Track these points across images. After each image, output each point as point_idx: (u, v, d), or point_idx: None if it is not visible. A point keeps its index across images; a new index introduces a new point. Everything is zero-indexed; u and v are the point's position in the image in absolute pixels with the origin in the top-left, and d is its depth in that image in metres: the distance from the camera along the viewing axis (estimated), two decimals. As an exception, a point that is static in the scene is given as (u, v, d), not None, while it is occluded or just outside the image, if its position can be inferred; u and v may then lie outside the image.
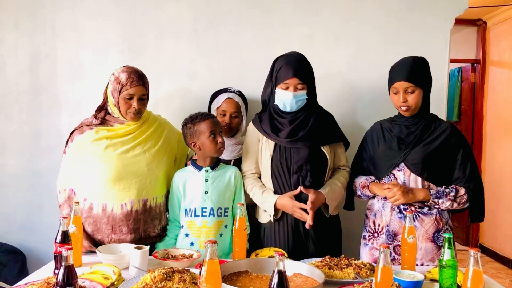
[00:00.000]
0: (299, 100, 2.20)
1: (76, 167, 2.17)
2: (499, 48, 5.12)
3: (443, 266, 1.63)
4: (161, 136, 2.28)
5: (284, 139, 2.21)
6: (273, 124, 2.26)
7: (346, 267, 1.82)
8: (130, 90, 2.12)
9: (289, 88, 2.18)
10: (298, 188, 2.17)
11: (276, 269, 1.31)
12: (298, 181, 2.18)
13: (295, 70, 2.17)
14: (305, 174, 2.18)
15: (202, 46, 2.72)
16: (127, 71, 2.15)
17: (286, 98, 2.19)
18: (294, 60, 2.20)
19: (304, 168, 2.18)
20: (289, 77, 2.16)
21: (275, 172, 2.23)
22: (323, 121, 2.28)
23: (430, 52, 2.30)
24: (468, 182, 2.08)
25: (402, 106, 2.11)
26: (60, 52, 2.73)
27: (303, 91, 2.19)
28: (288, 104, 2.20)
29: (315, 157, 2.20)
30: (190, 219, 2.16)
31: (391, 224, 2.11)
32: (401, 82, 2.09)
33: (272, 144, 2.24)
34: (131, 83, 2.12)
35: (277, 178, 2.22)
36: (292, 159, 2.19)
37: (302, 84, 2.18)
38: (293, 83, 2.17)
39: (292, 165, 2.19)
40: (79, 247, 1.91)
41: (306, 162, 2.18)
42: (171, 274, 1.62)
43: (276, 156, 2.22)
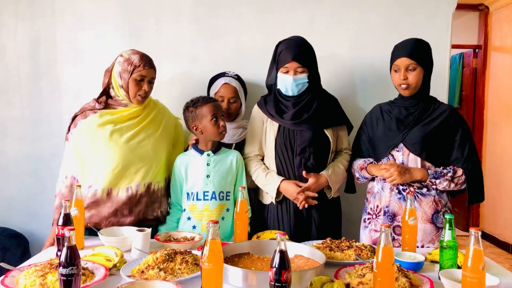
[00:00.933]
0: (299, 83, 2.20)
1: (80, 153, 2.16)
2: (502, 33, 5.08)
3: (444, 247, 1.64)
4: (162, 121, 2.29)
5: (288, 121, 2.22)
6: (278, 106, 2.27)
7: (347, 249, 1.83)
8: (143, 71, 2.13)
9: (289, 72, 2.19)
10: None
11: (277, 248, 1.32)
12: (301, 163, 2.21)
13: (295, 54, 2.17)
14: (308, 156, 2.20)
15: (202, 29, 2.71)
16: (138, 53, 2.16)
17: (287, 82, 2.20)
18: (294, 44, 2.20)
19: (307, 150, 2.20)
20: (288, 60, 2.18)
21: (278, 153, 2.24)
22: (327, 104, 2.29)
23: (432, 36, 2.28)
24: (466, 163, 2.08)
25: (402, 84, 2.11)
26: (60, 36, 2.72)
27: (303, 75, 2.19)
28: (289, 87, 2.21)
29: (318, 139, 2.22)
30: (192, 203, 2.17)
31: (390, 205, 2.12)
32: (403, 58, 2.10)
33: (276, 126, 2.26)
34: (144, 65, 2.13)
35: (281, 160, 2.24)
36: (295, 141, 2.21)
37: (302, 67, 2.18)
38: (293, 67, 2.18)
39: (295, 147, 2.21)
40: (81, 230, 1.92)
41: (310, 145, 2.20)
42: (173, 256, 1.63)
43: (280, 138, 2.24)
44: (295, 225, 2.23)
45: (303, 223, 2.23)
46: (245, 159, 2.33)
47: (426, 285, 1.51)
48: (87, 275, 1.52)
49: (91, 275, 1.54)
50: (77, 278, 1.34)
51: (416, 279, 1.54)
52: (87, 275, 1.52)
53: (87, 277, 1.51)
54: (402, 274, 1.51)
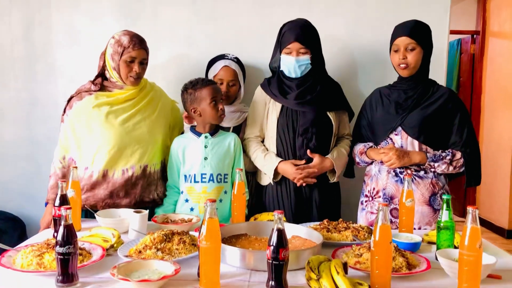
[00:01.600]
0: (302, 64, 2.20)
1: (76, 135, 2.16)
2: (500, 18, 5.06)
3: (441, 227, 1.64)
4: (158, 103, 2.28)
5: (292, 101, 2.22)
6: (281, 87, 2.27)
7: (344, 230, 1.84)
8: (133, 52, 2.11)
9: (292, 53, 2.19)
10: (303, 161, 2.19)
11: (275, 227, 1.32)
12: (302, 144, 2.21)
13: (297, 35, 2.17)
14: (310, 137, 2.21)
15: (200, 11, 2.68)
16: (128, 34, 2.14)
17: (289, 63, 2.20)
18: (297, 25, 2.20)
19: (309, 131, 2.20)
20: (291, 41, 2.18)
21: (280, 134, 2.25)
22: (330, 89, 2.29)
23: (430, 21, 2.25)
24: (464, 146, 2.09)
25: (402, 63, 2.10)
26: (54, 19, 2.69)
27: (306, 56, 2.19)
28: (291, 69, 2.21)
29: (321, 121, 2.23)
30: (190, 185, 2.16)
31: (387, 187, 2.12)
32: (403, 37, 2.09)
33: (279, 107, 2.26)
34: (134, 46, 2.11)
35: (282, 141, 2.24)
36: (298, 122, 2.21)
37: (305, 48, 2.18)
38: (295, 48, 2.18)
39: (298, 128, 2.21)
40: (78, 211, 1.91)
41: (312, 125, 2.20)
42: (171, 236, 1.63)
43: (283, 118, 2.24)
44: (295, 207, 2.24)
45: (303, 205, 2.24)
46: (245, 140, 2.33)
47: (423, 265, 1.52)
48: (84, 255, 1.51)
49: (89, 255, 1.54)
50: (74, 257, 1.34)
51: (413, 258, 1.55)
52: (84, 255, 1.52)
53: (84, 257, 1.51)
54: (399, 253, 1.52)
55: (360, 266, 1.49)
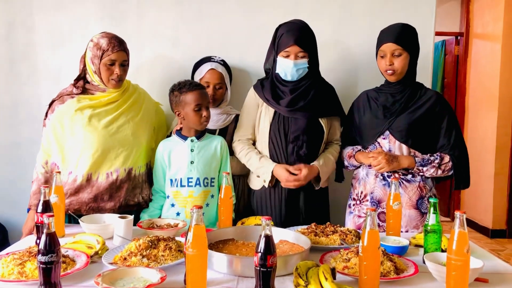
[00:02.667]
0: (300, 68, 2.17)
1: (59, 139, 2.12)
2: (483, 20, 5.12)
3: (428, 231, 1.64)
4: (142, 106, 2.26)
5: (284, 108, 2.19)
6: (275, 91, 2.24)
7: (331, 234, 1.83)
8: (112, 55, 2.07)
9: (290, 56, 2.15)
10: (297, 166, 2.18)
11: (262, 233, 1.30)
12: (293, 150, 2.19)
13: (296, 38, 2.12)
14: (300, 145, 2.19)
15: (185, 12, 2.64)
16: (107, 36, 2.10)
17: (287, 66, 2.16)
18: (296, 28, 2.16)
19: (300, 139, 2.19)
20: (290, 44, 2.13)
21: (272, 139, 2.23)
22: (324, 93, 2.27)
23: (416, 22, 2.26)
24: (453, 150, 2.09)
25: (388, 69, 2.10)
26: (37, 19, 2.63)
27: (304, 59, 2.16)
28: (289, 72, 2.18)
29: (312, 128, 2.21)
30: (176, 189, 2.13)
31: (375, 191, 2.12)
32: (389, 44, 2.08)
33: (272, 112, 2.23)
34: (113, 48, 2.07)
35: (274, 146, 2.23)
36: (290, 129, 2.20)
37: (303, 52, 2.15)
38: (294, 51, 2.14)
39: (289, 135, 2.20)
40: (61, 217, 1.88)
41: (303, 133, 2.18)
42: (156, 242, 1.60)
43: (275, 124, 2.22)
44: (284, 211, 2.22)
45: (291, 209, 2.23)
46: (236, 142, 2.31)
47: (410, 269, 1.52)
48: (68, 263, 1.48)
49: (72, 262, 1.51)
50: (57, 266, 1.30)
51: (401, 263, 1.54)
52: (67, 262, 1.49)
53: (68, 265, 1.48)
54: (387, 258, 1.52)
55: (348, 271, 1.49)
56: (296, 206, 2.23)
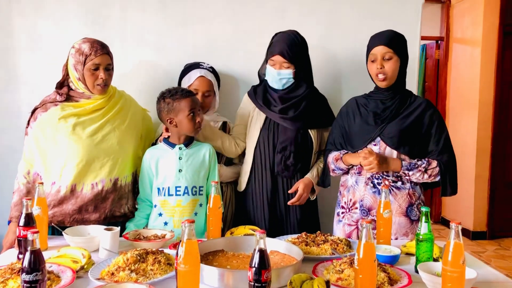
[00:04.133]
0: (283, 78, 2.22)
1: (42, 148, 2.05)
2: (462, 25, 5.19)
3: (420, 240, 1.64)
4: (128, 113, 2.20)
5: (276, 114, 2.23)
6: (266, 97, 2.28)
7: (323, 243, 1.81)
8: (96, 59, 2.02)
9: (275, 65, 2.21)
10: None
11: (257, 247, 1.27)
12: (281, 161, 2.22)
13: (281, 49, 2.17)
14: (288, 155, 2.22)
15: (170, 17, 2.59)
16: (88, 41, 2.05)
17: (272, 75, 2.23)
18: (284, 39, 2.20)
19: (288, 149, 2.21)
20: (274, 54, 2.19)
21: (260, 146, 2.25)
22: (316, 104, 2.30)
23: (402, 27, 2.26)
24: (441, 155, 2.09)
25: (379, 73, 2.08)
26: (17, 23, 2.54)
27: (288, 70, 2.20)
28: (274, 80, 2.24)
29: (301, 139, 2.24)
30: (164, 198, 2.09)
31: (364, 199, 2.11)
32: (380, 47, 2.08)
33: (263, 118, 2.27)
34: (96, 52, 2.01)
35: (261, 152, 2.26)
36: (278, 138, 2.23)
37: (288, 63, 2.18)
38: (278, 61, 2.19)
39: (277, 145, 2.23)
40: (44, 229, 1.81)
41: (291, 144, 2.21)
42: (145, 256, 1.56)
43: (265, 130, 2.26)
44: (269, 219, 2.25)
45: (279, 218, 2.26)
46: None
47: (404, 280, 1.51)
48: (52, 279, 1.43)
49: (57, 279, 1.45)
50: (42, 285, 1.25)
51: (394, 273, 1.53)
52: (52, 279, 1.43)
53: (53, 282, 1.42)
54: (380, 268, 1.51)
55: (342, 283, 1.47)
56: (283, 213, 2.27)
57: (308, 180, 2.25)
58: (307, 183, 2.24)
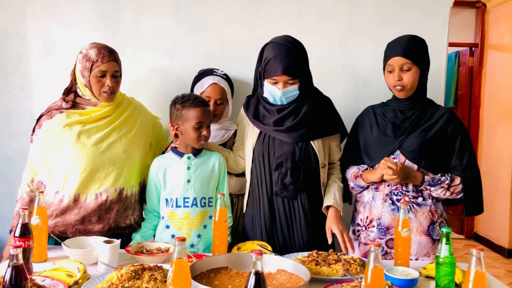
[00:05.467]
0: (290, 96, 1.98)
1: (46, 157, 2.01)
2: (499, 31, 4.95)
3: (440, 263, 1.50)
4: (137, 120, 2.13)
5: (269, 127, 2.01)
6: (260, 110, 2.08)
7: (334, 263, 1.69)
8: (102, 66, 1.96)
9: (278, 84, 1.95)
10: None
11: (253, 270, 1.16)
12: (278, 179, 1.99)
13: (285, 67, 1.90)
14: (284, 173, 1.98)
15: (183, 23, 2.52)
16: (96, 46, 1.99)
17: (275, 94, 1.97)
18: (284, 53, 1.92)
19: (284, 166, 1.98)
20: (277, 74, 1.92)
21: (256, 164, 2.06)
22: (318, 109, 2.04)
23: (428, 34, 2.12)
24: (464, 172, 1.94)
25: (397, 85, 1.94)
26: (30, 28, 2.53)
27: (294, 86, 1.96)
28: (277, 99, 1.99)
29: (300, 154, 1.99)
30: (171, 210, 2.00)
31: (382, 216, 1.96)
32: (397, 58, 1.93)
33: (256, 133, 2.07)
34: (102, 59, 1.95)
35: (257, 172, 2.05)
36: (274, 154, 2.01)
37: (293, 79, 1.94)
38: (283, 80, 1.93)
39: (273, 161, 2.01)
40: (44, 240, 1.76)
41: (287, 159, 1.98)
42: (141, 272, 1.47)
43: (259, 146, 2.04)
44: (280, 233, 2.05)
45: (284, 242, 2.05)
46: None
47: (421, 308, 1.37)
48: (42, 295, 1.35)
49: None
50: (23, 303, 1.17)
51: (409, 300, 1.39)
52: (42, 294, 1.36)
53: (42, 297, 1.35)
54: (395, 294, 1.37)
55: (350, 309, 1.34)
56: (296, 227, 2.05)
57: (334, 214, 1.98)
58: (337, 215, 1.98)
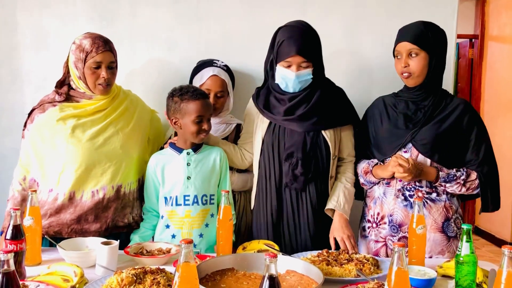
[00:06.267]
0: (303, 80, 1.91)
1: (38, 153, 1.90)
2: (499, 22, 4.89)
3: (461, 262, 1.42)
4: (134, 114, 2.03)
5: (279, 116, 1.94)
6: (270, 99, 2.01)
7: (346, 263, 1.61)
8: (97, 57, 1.86)
9: (292, 67, 1.89)
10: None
11: (266, 274, 1.07)
12: (288, 170, 1.92)
13: (299, 47, 1.85)
14: (295, 163, 1.91)
15: (182, 12, 2.42)
16: (90, 36, 1.89)
17: (288, 78, 1.90)
18: (298, 34, 1.88)
19: (295, 156, 1.91)
20: (291, 54, 1.86)
21: (264, 156, 1.98)
22: (330, 99, 1.98)
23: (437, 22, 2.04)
24: (481, 166, 1.86)
25: (404, 72, 1.87)
26: (21, 19, 2.40)
27: (308, 70, 1.90)
28: (290, 84, 1.92)
29: (312, 143, 1.93)
30: (171, 209, 1.91)
31: (394, 213, 1.87)
32: (404, 43, 1.87)
33: (266, 123, 1.99)
34: (97, 49, 1.85)
35: (265, 164, 1.98)
36: (284, 144, 1.94)
37: (307, 62, 1.88)
38: (296, 62, 1.87)
39: (283, 151, 1.94)
40: (37, 242, 1.66)
41: (298, 149, 1.91)
42: (142, 276, 1.38)
43: (268, 136, 1.97)
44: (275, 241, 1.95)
45: (289, 238, 1.98)
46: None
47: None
48: (37, 302, 1.26)
49: (42, 301, 1.28)
50: (15, 312, 1.08)
51: (430, 303, 1.30)
52: (37, 301, 1.26)
53: (37, 305, 1.25)
54: (414, 297, 1.28)
55: (368, 313, 1.25)
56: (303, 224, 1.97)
57: (338, 220, 1.93)
58: (338, 222, 1.92)
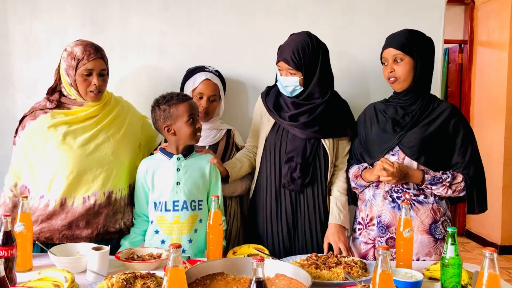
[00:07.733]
0: (289, 86, 2.02)
1: (30, 159, 1.91)
2: (488, 27, 4.95)
3: (446, 264, 1.45)
4: (125, 120, 2.05)
5: (285, 121, 2.04)
6: (278, 101, 2.10)
7: (335, 266, 1.62)
8: (88, 64, 1.87)
9: (282, 72, 2.03)
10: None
11: (254, 278, 1.09)
12: (287, 172, 2.01)
13: (285, 55, 1.99)
14: (294, 167, 2.00)
15: (173, 18, 2.43)
16: (81, 44, 1.90)
17: (279, 81, 2.06)
18: (291, 43, 2.01)
19: (294, 160, 2.00)
20: (279, 60, 2.03)
21: (266, 154, 2.07)
22: (334, 110, 2.07)
23: (424, 29, 2.08)
24: (467, 168, 1.89)
25: (390, 76, 1.93)
26: (12, 25, 2.41)
27: (294, 78, 2.00)
28: (281, 86, 2.06)
29: (311, 150, 2.02)
30: (160, 214, 1.91)
31: (382, 214, 1.90)
32: (390, 49, 1.93)
33: (271, 123, 2.09)
34: (88, 57, 1.86)
35: (267, 162, 2.07)
36: (286, 147, 2.03)
37: (294, 70, 1.99)
38: (284, 68, 2.02)
39: (285, 154, 2.04)
40: (28, 248, 1.66)
41: (298, 154, 2.00)
42: (132, 281, 1.39)
43: (271, 137, 2.07)
44: (273, 234, 2.06)
45: (288, 232, 2.05)
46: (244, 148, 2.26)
47: (428, 312, 1.30)
48: (27, 308, 1.26)
49: (32, 307, 1.29)
50: (5, 318, 1.09)
51: (416, 305, 1.33)
52: (27, 307, 1.27)
53: (27, 310, 1.26)
54: (401, 299, 1.30)
55: (355, 316, 1.27)
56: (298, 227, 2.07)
57: (333, 226, 1.99)
58: (333, 227, 1.98)
